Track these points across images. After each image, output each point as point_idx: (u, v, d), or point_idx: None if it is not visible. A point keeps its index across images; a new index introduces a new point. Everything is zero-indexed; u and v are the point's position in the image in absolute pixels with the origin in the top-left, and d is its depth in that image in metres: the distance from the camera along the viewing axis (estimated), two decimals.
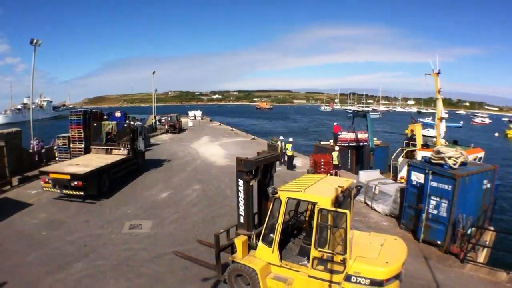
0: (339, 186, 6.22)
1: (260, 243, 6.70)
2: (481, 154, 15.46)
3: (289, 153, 19.93)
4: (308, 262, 6.15)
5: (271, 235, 6.60)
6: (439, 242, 9.58)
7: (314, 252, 5.99)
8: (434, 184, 9.59)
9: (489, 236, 10.57)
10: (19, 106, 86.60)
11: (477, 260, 8.97)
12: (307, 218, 7.57)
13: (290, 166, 19.87)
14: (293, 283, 6.23)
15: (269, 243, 6.56)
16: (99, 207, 12.62)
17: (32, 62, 20.64)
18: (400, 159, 16.41)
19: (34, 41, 20.15)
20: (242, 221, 7.41)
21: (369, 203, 13.05)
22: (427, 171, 9.79)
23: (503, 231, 12.99)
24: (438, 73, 15.94)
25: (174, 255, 8.65)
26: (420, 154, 15.12)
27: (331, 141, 22.58)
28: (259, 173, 7.27)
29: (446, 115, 22.05)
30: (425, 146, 16.33)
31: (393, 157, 17.17)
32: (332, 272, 5.86)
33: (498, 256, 10.43)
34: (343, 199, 5.96)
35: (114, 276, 7.86)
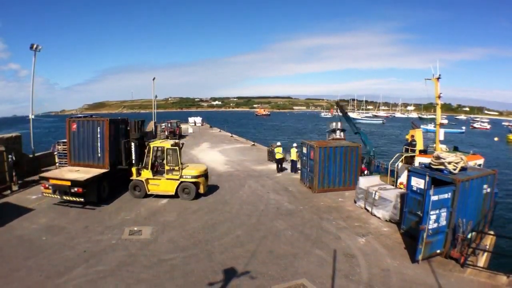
0: (175, 142, 14.75)
1: (143, 170, 14.43)
2: (481, 161, 15.31)
3: (293, 157, 20.32)
4: (165, 173, 14.28)
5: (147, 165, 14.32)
6: (438, 251, 9.40)
7: (166, 167, 14.31)
8: (435, 198, 8.76)
9: (489, 240, 10.57)
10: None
11: (477, 264, 8.95)
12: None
13: (294, 169, 20.22)
14: (160, 183, 14.39)
15: (147, 168, 14.33)
16: (99, 213, 12.63)
17: (32, 67, 20.61)
18: (400, 164, 16.39)
19: (34, 46, 20.01)
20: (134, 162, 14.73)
21: (369, 209, 13.04)
22: (427, 178, 9.71)
23: (503, 235, 12.95)
24: (438, 78, 15.72)
25: (174, 261, 8.61)
26: (418, 160, 15.12)
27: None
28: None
29: (446, 121, 22.13)
30: (423, 152, 16.24)
31: (390, 162, 17.15)
32: (174, 174, 14.30)
33: (498, 260, 10.40)
34: (175, 145, 14.37)
35: (114, 281, 7.84)
